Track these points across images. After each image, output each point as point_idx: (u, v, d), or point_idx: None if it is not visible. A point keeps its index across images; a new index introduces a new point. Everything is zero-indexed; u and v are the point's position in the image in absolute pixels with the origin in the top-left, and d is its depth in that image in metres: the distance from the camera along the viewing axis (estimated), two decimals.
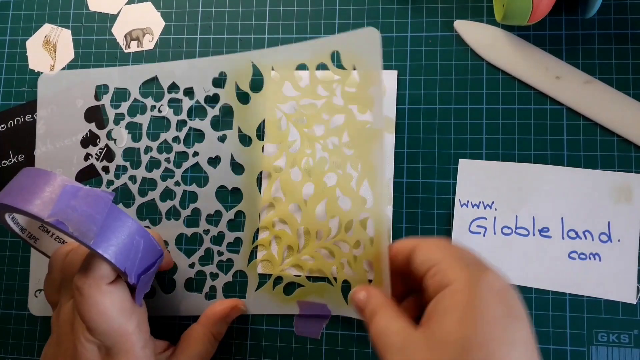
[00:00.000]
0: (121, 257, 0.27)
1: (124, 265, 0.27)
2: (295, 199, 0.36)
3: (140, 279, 0.29)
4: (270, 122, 0.37)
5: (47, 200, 0.26)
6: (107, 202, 0.27)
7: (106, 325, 0.28)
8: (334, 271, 0.35)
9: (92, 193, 0.27)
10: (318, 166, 0.36)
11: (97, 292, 0.28)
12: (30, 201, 0.26)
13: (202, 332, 0.33)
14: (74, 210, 0.26)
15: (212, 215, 0.38)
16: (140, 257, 0.28)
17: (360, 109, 0.35)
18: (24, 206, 0.26)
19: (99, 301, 0.28)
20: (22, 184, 0.27)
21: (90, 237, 0.26)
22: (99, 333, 0.28)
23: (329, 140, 0.36)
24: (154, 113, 0.39)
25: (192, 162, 0.38)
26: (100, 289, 0.28)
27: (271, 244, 0.36)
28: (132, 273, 0.28)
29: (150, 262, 0.29)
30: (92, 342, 0.28)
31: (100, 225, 0.26)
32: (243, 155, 0.38)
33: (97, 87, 0.40)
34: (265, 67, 0.37)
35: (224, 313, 0.34)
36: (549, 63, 0.36)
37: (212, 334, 0.34)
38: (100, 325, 0.28)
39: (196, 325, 0.34)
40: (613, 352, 0.34)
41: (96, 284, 0.28)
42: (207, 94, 0.38)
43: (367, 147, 0.35)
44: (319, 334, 0.36)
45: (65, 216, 0.25)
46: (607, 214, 0.34)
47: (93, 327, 0.28)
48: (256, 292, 0.36)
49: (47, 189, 0.26)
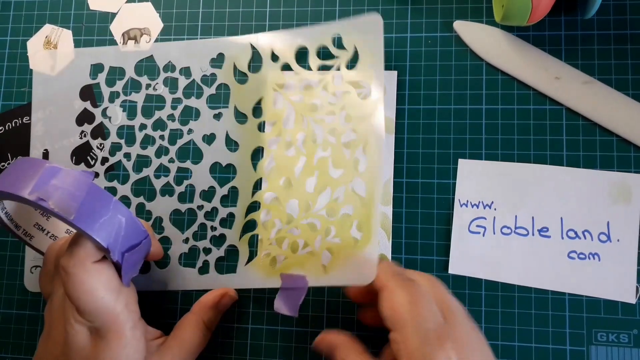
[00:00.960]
0: (103, 233, 0.27)
1: (106, 241, 0.28)
2: (287, 173, 0.37)
3: (124, 257, 0.29)
4: (267, 100, 0.38)
5: (28, 181, 0.27)
6: (87, 181, 0.27)
7: (93, 304, 0.28)
8: (318, 240, 0.35)
9: (72, 173, 0.27)
10: (312, 140, 0.37)
11: (82, 270, 0.28)
12: (12, 183, 0.27)
13: (194, 320, 0.34)
14: (55, 188, 0.26)
15: (206, 191, 0.38)
16: (123, 235, 0.28)
17: (359, 85, 0.36)
18: (5, 188, 0.27)
19: (85, 279, 0.28)
20: (8, 172, 0.28)
21: (71, 212, 0.26)
22: (87, 312, 0.28)
23: (326, 117, 0.37)
24: (149, 91, 0.40)
25: (186, 139, 0.39)
26: (85, 267, 0.28)
27: (261, 217, 0.37)
28: (115, 250, 0.28)
29: (135, 242, 0.29)
30: (81, 324, 0.28)
31: (81, 202, 0.27)
32: (238, 132, 0.38)
33: (92, 65, 0.40)
34: (264, 50, 0.38)
35: (215, 300, 0.34)
36: (549, 63, 0.36)
37: (204, 322, 0.34)
38: (87, 304, 0.28)
39: (188, 314, 0.34)
40: (612, 352, 0.34)
41: (81, 263, 0.28)
42: (204, 74, 0.39)
43: (364, 119, 0.36)
44: (296, 310, 0.34)
45: (46, 194, 0.26)
46: (606, 214, 0.34)
47: (81, 307, 0.28)
48: (246, 266, 0.37)
49: (30, 172, 0.27)
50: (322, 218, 0.36)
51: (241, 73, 0.39)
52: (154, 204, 0.38)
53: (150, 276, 0.38)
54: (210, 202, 0.38)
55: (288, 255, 0.36)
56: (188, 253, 0.38)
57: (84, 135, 0.40)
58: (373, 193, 0.34)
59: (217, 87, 0.39)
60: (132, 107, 0.40)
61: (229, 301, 0.35)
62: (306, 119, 0.37)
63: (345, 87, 0.37)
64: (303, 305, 0.36)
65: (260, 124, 0.38)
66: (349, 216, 0.35)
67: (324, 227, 0.36)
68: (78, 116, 0.40)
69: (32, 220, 0.34)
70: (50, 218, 0.35)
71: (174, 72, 0.39)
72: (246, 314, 0.37)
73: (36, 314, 0.39)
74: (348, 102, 0.37)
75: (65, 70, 0.41)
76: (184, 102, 0.39)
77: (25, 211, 0.33)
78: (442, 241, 0.36)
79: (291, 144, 0.37)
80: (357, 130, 0.36)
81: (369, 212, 0.34)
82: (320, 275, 0.35)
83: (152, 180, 0.39)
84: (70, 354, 0.29)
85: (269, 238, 0.37)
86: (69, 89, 0.40)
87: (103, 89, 0.40)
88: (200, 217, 0.38)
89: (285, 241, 0.36)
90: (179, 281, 0.37)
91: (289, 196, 0.37)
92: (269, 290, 0.37)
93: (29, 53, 0.41)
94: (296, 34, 0.38)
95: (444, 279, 0.35)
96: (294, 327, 0.36)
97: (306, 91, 0.37)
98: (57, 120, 0.40)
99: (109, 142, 0.39)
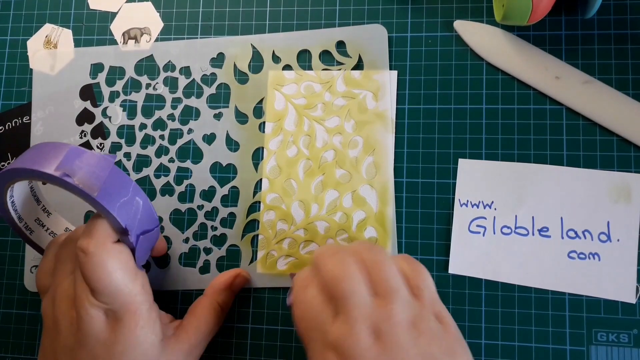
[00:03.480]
0: (122, 213, 0.28)
1: (125, 221, 0.28)
2: (291, 174, 0.37)
3: (139, 240, 0.29)
4: (269, 101, 0.38)
5: (52, 160, 0.27)
6: (110, 163, 0.28)
7: (113, 285, 0.28)
8: (329, 242, 0.36)
9: (96, 154, 0.28)
10: (315, 142, 0.37)
11: (102, 250, 0.28)
12: (37, 161, 0.27)
13: (208, 302, 0.34)
14: (79, 167, 0.27)
15: (206, 191, 0.38)
16: (139, 217, 0.29)
17: (364, 95, 0.37)
18: (29, 165, 0.27)
19: (105, 259, 0.28)
20: (31, 152, 0.29)
21: (95, 189, 0.27)
22: (106, 294, 0.28)
23: (330, 120, 0.37)
24: (149, 91, 0.40)
25: (186, 139, 0.39)
26: (106, 247, 0.28)
27: (264, 218, 0.37)
28: (132, 231, 0.29)
29: (148, 228, 0.30)
30: (98, 307, 0.28)
31: (103, 182, 0.27)
32: (239, 132, 0.38)
33: (92, 64, 0.40)
34: (265, 51, 0.38)
35: (229, 282, 0.35)
36: (549, 63, 0.36)
37: (218, 303, 0.34)
38: (107, 285, 0.28)
39: (202, 297, 0.34)
40: (612, 352, 0.34)
41: (101, 243, 0.28)
42: (204, 73, 0.39)
43: (370, 126, 0.36)
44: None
45: (71, 171, 0.27)
46: (606, 214, 0.34)
47: (100, 289, 0.28)
48: (249, 266, 0.37)
49: (54, 152, 0.28)
50: (331, 220, 0.36)
51: (241, 73, 0.39)
52: (154, 203, 0.38)
53: (150, 276, 0.37)
54: (211, 202, 0.38)
55: (296, 255, 0.36)
56: (188, 253, 0.38)
57: (84, 134, 0.40)
58: (386, 200, 0.35)
59: (217, 86, 0.39)
60: (132, 106, 0.40)
61: (243, 281, 0.36)
62: (308, 121, 0.37)
63: (349, 93, 0.37)
64: None
65: (260, 124, 0.38)
66: (361, 219, 0.36)
67: (334, 230, 0.36)
68: (78, 116, 0.40)
69: (34, 215, 0.34)
70: (51, 215, 0.35)
71: (174, 71, 0.40)
72: (246, 314, 0.37)
73: (36, 314, 0.39)
74: (353, 107, 0.37)
75: (65, 70, 0.41)
76: (184, 102, 0.39)
77: (29, 204, 0.33)
78: (442, 241, 0.36)
79: (293, 145, 0.37)
80: (363, 135, 0.36)
81: (383, 217, 0.35)
82: None
83: (152, 180, 0.39)
84: (86, 341, 0.28)
85: (273, 238, 0.37)
86: (69, 88, 0.40)
87: (103, 88, 0.40)
88: (200, 216, 0.38)
89: (291, 242, 0.36)
90: (179, 281, 0.37)
91: (293, 197, 0.37)
92: (269, 290, 0.37)
93: (29, 52, 0.41)
94: (299, 37, 0.38)
95: (444, 278, 0.35)
96: (294, 327, 0.36)
97: (308, 93, 0.37)
98: (57, 120, 0.40)
99: (109, 141, 0.39)
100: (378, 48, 0.37)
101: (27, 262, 0.39)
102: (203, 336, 0.33)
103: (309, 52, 0.38)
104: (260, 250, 0.37)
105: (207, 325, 0.33)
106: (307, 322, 0.28)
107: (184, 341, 0.31)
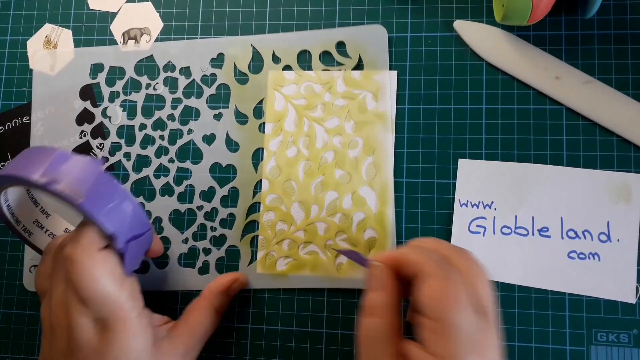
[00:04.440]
0: (110, 219, 0.28)
1: (112, 227, 0.28)
2: (291, 175, 0.37)
3: (128, 246, 0.29)
4: (269, 101, 0.38)
5: (38, 166, 0.27)
6: (97, 167, 0.28)
7: (99, 293, 0.28)
8: (328, 244, 0.36)
9: (82, 159, 0.28)
10: (315, 143, 0.37)
11: (88, 258, 0.28)
12: (23, 168, 0.27)
13: (204, 304, 0.34)
14: (65, 173, 0.27)
15: (205, 192, 0.38)
16: (128, 222, 0.29)
17: (364, 95, 0.37)
18: (16, 172, 0.27)
19: (91, 267, 0.28)
20: (19, 158, 0.29)
21: (80, 196, 0.27)
22: (93, 301, 0.28)
23: (329, 121, 0.37)
24: (149, 91, 0.40)
25: (186, 139, 0.39)
26: (91, 254, 0.28)
27: (264, 218, 0.37)
28: (120, 237, 0.28)
29: (138, 232, 0.30)
30: (86, 316, 0.28)
31: (89, 187, 0.27)
32: (239, 133, 0.38)
33: (92, 65, 0.40)
34: (265, 52, 0.38)
35: (226, 285, 0.35)
36: (549, 63, 0.36)
37: (213, 306, 0.34)
38: (93, 292, 0.27)
39: (199, 299, 0.34)
40: (612, 352, 0.34)
41: (87, 250, 0.28)
42: (204, 74, 0.39)
43: (370, 127, 0.36)
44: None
45: (56, 178, 0.27)
46: (606, 214, 0.34)
47: (86, 296, 0.28)
48: (248, 266, 0.37)
49: (41, 158, 0.28)
50: (331, 221, 0.36)
51: (241, 73, 0.39)
52: (153, 204, 0.38)
53: (150, 276, 0.37)
54: (210, 202, 0.38)
55: (296, 256, 0.36)
56: (187, 253, 0.38)
57: (83, 135, 0.40)
58: (385, 201, 0.35)
59: (217, 87, 0.39)
60: (132, 106, 0.40)
61: (240, 287, 0.36)
62: (308, 121, 0.37)
63: (349, 94, 0.37)
64: (303, 305, 0.36)
65: (260, 125, 0.38)
66: (361, 220, 0.36)
67: (334, 231, 0.36)
68: (78, 116, 0.40)
69: (32, 217, 0.34)
70: (50, 216, 0.35)
71: (174, 72, 0.39)
72: (246, 314, 0.37)
73: (36, 314, 0.39)
74: (352, 108, 0.37)
75: (65, 70, 0.40)
76: (183, 102, 0.39)
77: (27, 207, 0.33)
78: None
79: (292, 145, 0.37)
80: (363, 135, 0.36)
81: (382, 218, 0.35)
82: (334, 278, 0.35)
83: (152, 180, 0.39)
84: (76, 348, 0.28)
85: (272, 239, 0.37)
86: (69, 88, 0.40)
87: (103, 88, 0.40)
88: (200, 217, 0.38)
89: (291, 242, 0.36)
90: (179, 281, 0.37)
91: (293, 198, 0.37)
92: (268, 290, 0.37)
93: (29, 53, 0.41)
94: (299, 37, 0.38)
95: None
96: (294, 327, 0.36)
97: (308, 93, 0.37)
98: (57, 120, 0.40)
99: (108, 141, 0.39)
100: (378, 48, 0.37)
101: (26, 262, 0.39)
102: (198, 339, 0.32)
103: (309, 53, 0.38)
104: (260, 250, 0.37)
105: (202, 328, 0.33)
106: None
107: (179, 344, 0.31)
